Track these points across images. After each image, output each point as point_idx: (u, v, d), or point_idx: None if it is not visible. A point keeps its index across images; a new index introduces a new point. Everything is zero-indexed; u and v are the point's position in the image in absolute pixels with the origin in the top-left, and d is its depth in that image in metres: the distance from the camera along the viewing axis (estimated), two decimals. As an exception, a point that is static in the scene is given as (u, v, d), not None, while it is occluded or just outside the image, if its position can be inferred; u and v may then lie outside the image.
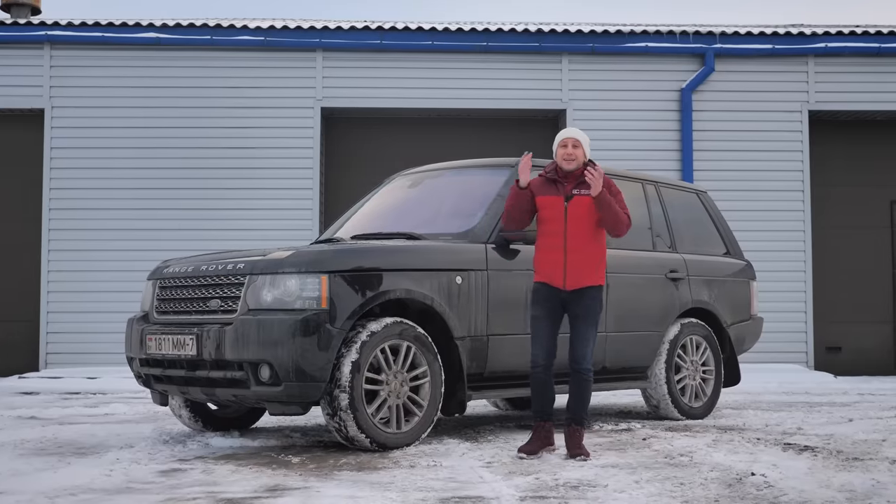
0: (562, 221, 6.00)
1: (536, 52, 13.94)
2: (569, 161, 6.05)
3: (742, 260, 9.11)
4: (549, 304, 6.06)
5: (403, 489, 4.91)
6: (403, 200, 7.90)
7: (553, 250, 6.01)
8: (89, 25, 13.76)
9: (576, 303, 6.03)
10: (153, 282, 6.89)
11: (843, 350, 14.32)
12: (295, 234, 13.01)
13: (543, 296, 6.07)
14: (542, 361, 6.03)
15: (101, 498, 4.75)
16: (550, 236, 6.04)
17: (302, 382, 5.89)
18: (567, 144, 6.08)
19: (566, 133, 6.14)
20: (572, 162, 6.05)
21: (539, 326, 6.06)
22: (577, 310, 6.04)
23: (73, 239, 13.40)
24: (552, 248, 6.02)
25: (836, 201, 14.47)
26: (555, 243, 6.01)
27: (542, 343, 6.04)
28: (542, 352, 6.03)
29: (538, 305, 6.09)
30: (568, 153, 6.06)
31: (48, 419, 8.37)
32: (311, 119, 13.73)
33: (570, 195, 6.02)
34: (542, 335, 6.05)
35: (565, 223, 5.99)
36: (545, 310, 6.06)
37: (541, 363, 6.03)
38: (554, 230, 6.02)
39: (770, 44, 14.02)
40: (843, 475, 5.28)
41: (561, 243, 5.99)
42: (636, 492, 4.83)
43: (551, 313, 6.07)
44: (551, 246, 6.02)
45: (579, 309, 6.03)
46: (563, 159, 6.07)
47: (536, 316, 6.08)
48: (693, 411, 8.19)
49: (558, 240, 6.00)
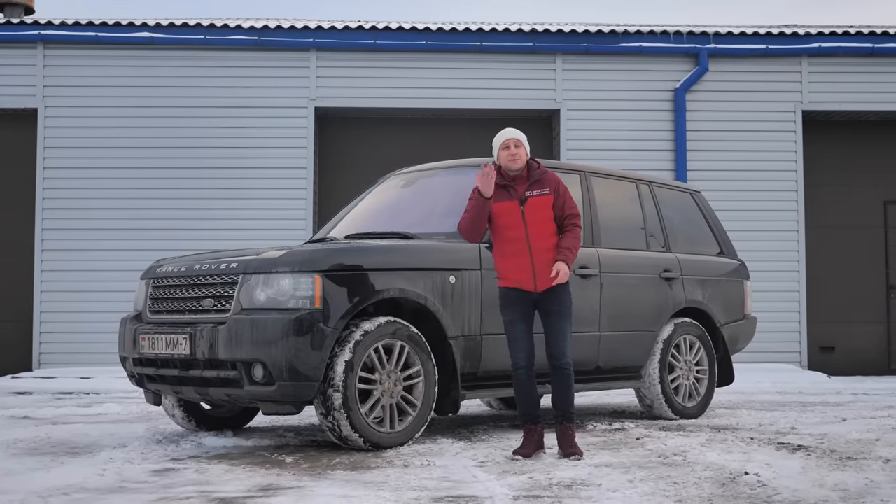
0: (521, 226, 5.98)
1: (530, 52, 13.94)
2: (514, 161, 6.04)
3: (736, 260, 9.12)
4: (521, 307, 6.03)
5: (397, 489, 4.91)
6: (397, 200, 7.90)
7: (518, 255, 5.98)
8: (83, 25, 13.74)
9: (548, 301, 6.01)
10: (146, 281, 6.88)
11: (837, 350, 14.34)
12: (288, 234, 13.01)
13: (514, 300, 6.03)
14: (524, 363, 6.01)
15: (94, 497, 4.74)
16: (512, 241, 6.00)
17: (295, 382, 5.89)
18: (509, 145, 6.06)
19: (506, 134, 6.10)
20: (518, 161, 6.04)
21: (515, 329, 6.03)
22: (549, 307, 6.01)
23: (67, 238, 13.38)
24: (516, 252, 5.98)
25: (830, 201, 14.49)
26: (518, 248, 5.98)
27: (521, 345, 6.02)
28: (522, 354, 6.01)
29: (510, 310, 6.05)
30: (511, 154, 6.04)
31: (41, 419, 8.35)
32: (305, 119, 13.72)
33: (524, 198, 6.01)
34: (521, 337, 6.02)
35: (525, 226, 5.97)
36: (519, 313, 6.03)
37: (522, 365, 6.01)
38: (515, 235, 5.99)
39: (763, 44, 14.03)
40: (837, 474, 5.28)
41: (525, 247, 5.96)
42: (630, 491, 4.84)
43: (525, 315, 6.04)
44: (515, 251, 5.98)
45: (552, 306, 6.01)
46: (508, 160, 6.05)
47: (511, 320, 6.05)
48: (687, 411, 8.20)
49: (521, 244, 5.97)
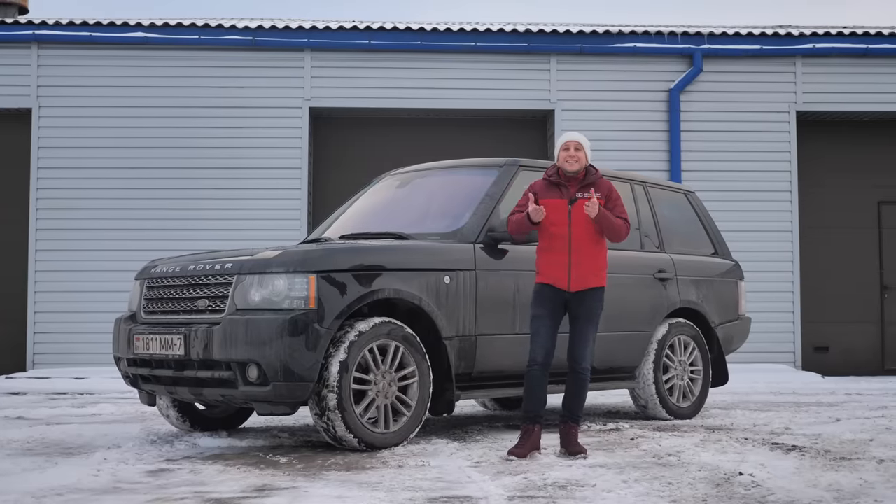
0: (566, 225, 6.06)
1: (525, 53, 13.95)
2: (571, 163, 6.10)
3: (730, 260, 9.13)
4: (551, 304, 6.08)
5: (391, 489, 4.91)
6: (392, 200, 7.90)
7: (558, 252, 6.05)
8: (77, 25, 13.73)
9: (578, 303, 6.08)
10: (141, 282, 6.87)
11: (831, 350, 14.37)
12: (283, 234, 13.00)
13: (547, 296, 6.09)
14: (541, 360, 6.03)
15: (88, 498, 4.73)
16: (555, 239, 6.07)
17: (290, 382, 5.88)
18: (569, 147, 6.14)
19: (568, 136, 6.20)
20: (575, 164, 6.11)
21: (540, 325, 6.07)
22: (579, 310, 6.08)
23: (61, 239, 13.35)
24: (557, 250, 6.06)
25: (824, 202, 14.51)
26: (559, 245, 6.05)
27: (542, 342, 6.05)
28: (541, 350, 6.04)
29: (541, 305, 6.10)
30: (570, 155, 6.12)
31: (35, 419, 8.34)
32: (300, 119, 13.71)
33: (573, 198, 6.09)
34: (543, 334, 6.06)
35: (570, 226, 6.05)
36: (548, 309, 6.08)
37: (539, 361, 6.03)
38: (558, 233, 6.06)
39: (758, 44, 14.06)
40: (831, 475, 5.29)
41: (566, 246, 6.04)
42: (624, 491, 4.84)
43: (553, 313, 6.09)
44: (556, 248, 6.06)
45: (582, 309, 6.08)
46: (565, 161, 6.12)
47: (539, 315, 6.09)
48: (681, 411, 8.21)
49: (563, 242, 6.05)
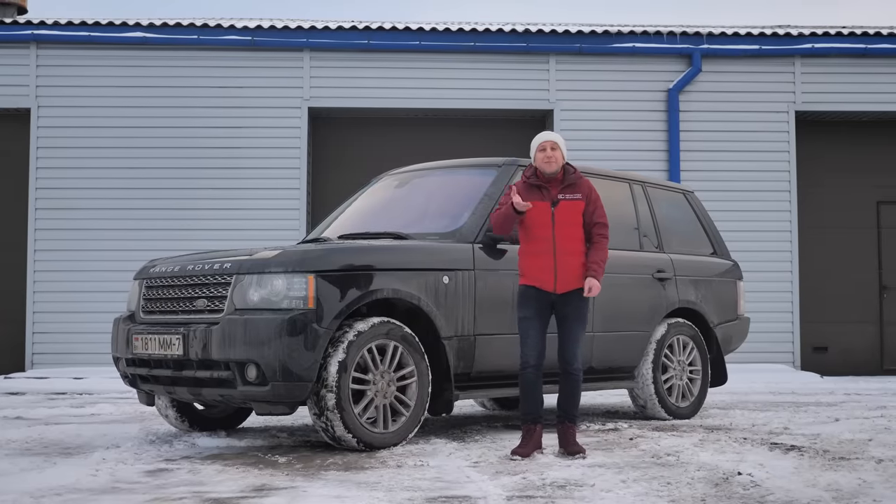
0: (549, 227, 6.02)
1: (524, 53, 13.95)
2: (550, 164, 6.08)
3: (729, 260, 9.13)
4: (538, 306, 6.06)
5: (390, 489, 4.91)
6: (390, 200, 7.90)
7: (542, 255, 6.02)
8: (76, 25, 13.73)
9: (565, 304, 6.05)
10: (139, 281, 6.87)
11: (830, 350, 14.37)
12: (282, 234, 13.00)
13: (532, 298, 6.06)
14: (534, 362, 6.02)
15: (86, 498, 4.73)
16: (538, 241, 6.04)
17: (289, 382, 5.88)
18: (546, 148, 6.10)
19: (544, 136, 6.15)
20: (553, 164, 6.08)
21: (528, 326, 6.05)
22: (566, 311, 6.06)
23: (60, 239, 13.36)
24: (541, 252, 6.03)
25: (823, 202, 14.51)
26: (543, 248, 6.02)
27: (532, 343, 6.03)
28: (532, 352, 6.02)
29: (527, 307, 6.07)
30: (548, 156, 6.08)
31: (34, 419, 8.33)
32: (299, 119, 13.71)
33: (556, 200, 6.06)
34: (533, 335, 6.04)
35: (553, 228, 6.02)
36: (534, 311, 6.06)
37: (531, 363, 6.02)
38: (542, 235, 6.03)
39: (757, 44, 14.06)
40: (830, 474, 5.29)
41: (550, 248, 6.01)
42: (623, 491, 4.84)
43: (540, 314, 6.07)
44: (540, 251, 6.03)
45: (569, 310, 6.05)
46: (543, 163, 6.09)
47: (526, 317, 6.07)
48: (680, 411, 8.20)
49: (547, 244, 6.02)
